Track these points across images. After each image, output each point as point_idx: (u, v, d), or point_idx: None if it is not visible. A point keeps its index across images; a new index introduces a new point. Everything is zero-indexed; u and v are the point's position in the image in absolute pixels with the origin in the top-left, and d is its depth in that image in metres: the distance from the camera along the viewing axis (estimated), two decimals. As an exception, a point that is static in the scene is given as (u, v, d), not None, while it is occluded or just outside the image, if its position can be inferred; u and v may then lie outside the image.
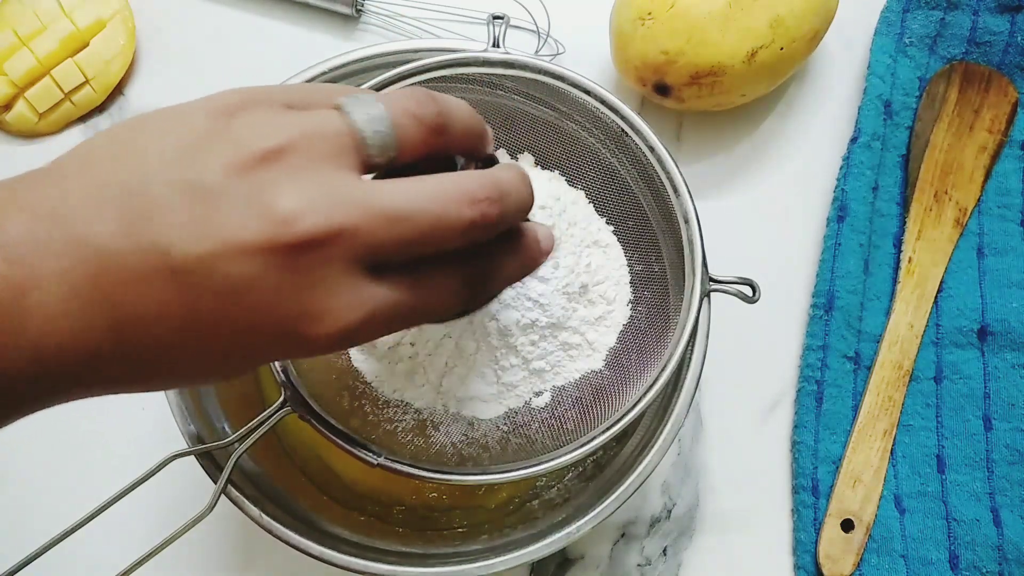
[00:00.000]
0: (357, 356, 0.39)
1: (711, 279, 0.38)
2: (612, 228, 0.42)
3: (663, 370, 0.36)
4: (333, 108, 0.23)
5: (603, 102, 0.39)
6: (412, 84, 0.38)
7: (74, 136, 0.52)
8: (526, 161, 0.43)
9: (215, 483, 0.37)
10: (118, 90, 0.52)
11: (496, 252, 0.26)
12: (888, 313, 0.48)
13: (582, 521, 0.38)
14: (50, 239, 0.20)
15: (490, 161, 0.28)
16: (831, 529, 0.45)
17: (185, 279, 0.20)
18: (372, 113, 0.23)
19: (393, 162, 0.24)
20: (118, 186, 0.20)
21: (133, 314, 0.20)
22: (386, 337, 0.38)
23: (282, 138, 0.21)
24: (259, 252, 0.20)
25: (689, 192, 0.38)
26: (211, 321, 0.21)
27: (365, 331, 0.23)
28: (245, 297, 0.21)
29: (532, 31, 0.52)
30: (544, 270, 0.38)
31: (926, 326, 0.48)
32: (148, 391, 0.23)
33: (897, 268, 0.49)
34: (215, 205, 0.20)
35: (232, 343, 0.22)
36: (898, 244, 0.49)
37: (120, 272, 0.20)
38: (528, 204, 0.26)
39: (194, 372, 0.23)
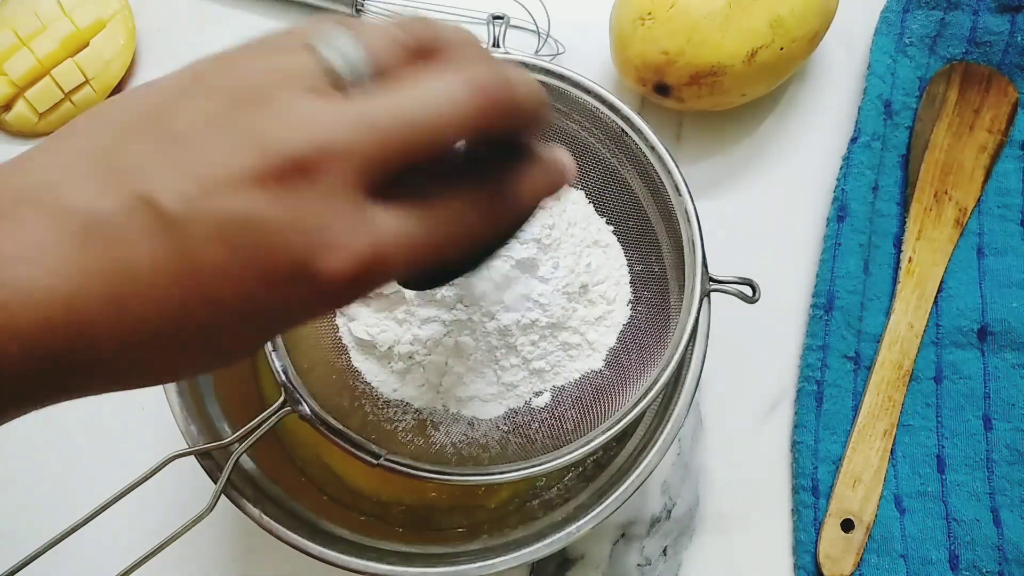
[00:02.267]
0: (357, 356, 0.39)
1: (711, 279, 0.38)
2: (612, 228, 0.42)
3: (663, 370, 0.36)
4: (303, 48, 0.21)
5: (603, 102, 0.39)
6: None
7: (74, 136, 0.52)
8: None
9: (215, 483, 0.37)
10: (118, 90, 0.52)
11: (514, 164, 0.23)
12: (888, 313, 0.48)
13: (582, 521, 0.38)
14: (22, 214, 0.19)
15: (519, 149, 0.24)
16: (831, 529, 0.45)
17: (178, 228, 0.19)
18: (341, 43, 0.21)
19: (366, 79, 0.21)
20: (101, 149, 0.19)
21: (129, 278, 0.19)
22: (385, 336, 0.38)
23: (252, 80, 0.20)
24: (248, 184, 0.19)
25: (689, 192, 0.38)
26: (213, 273, 0.19)
27: (379, 266, 0.21)
28: (243, 236, 0.19)
29: (532, 31, 0.52)
30: (544, 270, 0.38)
31: (926, 326, 0.48)
32: (154, 383, 0.22)
33: (897, 268, 0.49)
34: (193, 148, 0.19)
35: (240, 298, 0.20)
36: (898, 244, 0.49)
37: (109, 234, 0.19)
38: (545, 104, 0.23)
39: (203, 348, 0.21)
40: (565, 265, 0.38)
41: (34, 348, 0.19)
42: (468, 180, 0.22)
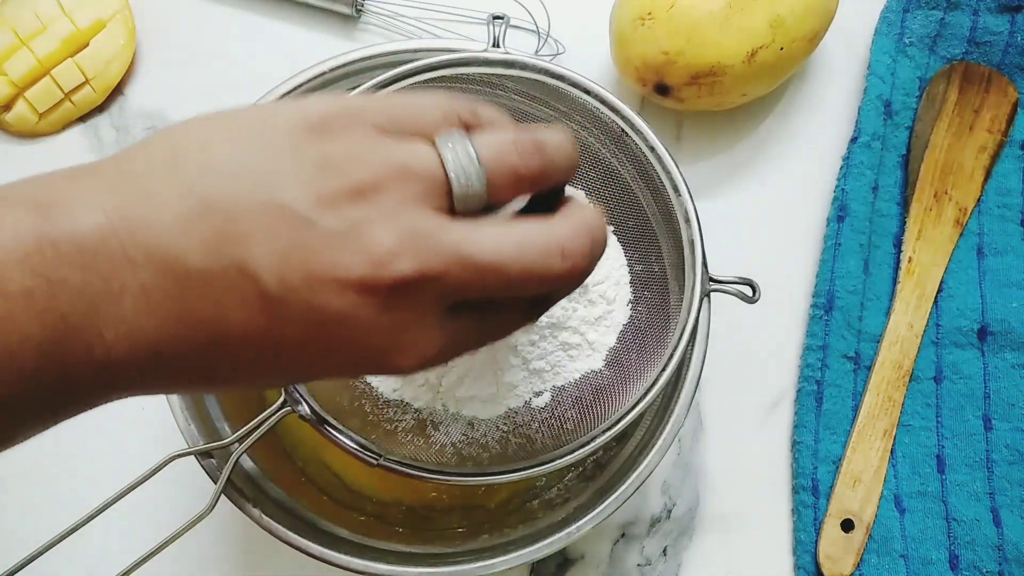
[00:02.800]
0: (357, 356, 0.39)
1: (711, 279, 0.38)
2: (612, 228, 0.42)
3: (663, 370, 0.36)
4: (428, 142, 0.22)
5: (603, 102, 0.39)
6: (413, 84, 0.38)
7: (74, 136, 0.52)
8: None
9: (215, 483, 0.37)
10: (118, 90, 0.52)
11: None
12: (888, 313, 0.48)
13: (582, 521, 0.38)
14: (127, 249, 0.19)
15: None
16: (831, 529, 0.45)
17: (274, 307, 0.20)
18: (466, 166, 0.22)
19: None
20: (203, 199, 0.20)
21: (217, 334, 0.20)
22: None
23: (373, 173, 0.21)
24: (354, 289, 0.20)
25: (689, 192, 0.38)
26: (295, 347, 0.21)
27: (438, 361, 0.23)
28: (334, 330, 0.21)
29: (532, 31, 0.52)
30: None
31: (926, 326, 0.48)
32: (213, 393, 0.24)
33: (897, 268, 0.49)
34: (308, 235, 0.20)
35: (311, 366, 0.22)
36: (898, 244, 0.49)
37: (204, 293, 0.20)
38: (605, 245, 0.26)
39: (263, 384, 0.23)
40: (565, 265, 0.38)
41: (111, 371, 0.20)
42: None
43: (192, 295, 0.20)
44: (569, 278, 0.23)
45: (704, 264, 0.37)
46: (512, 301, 0.25)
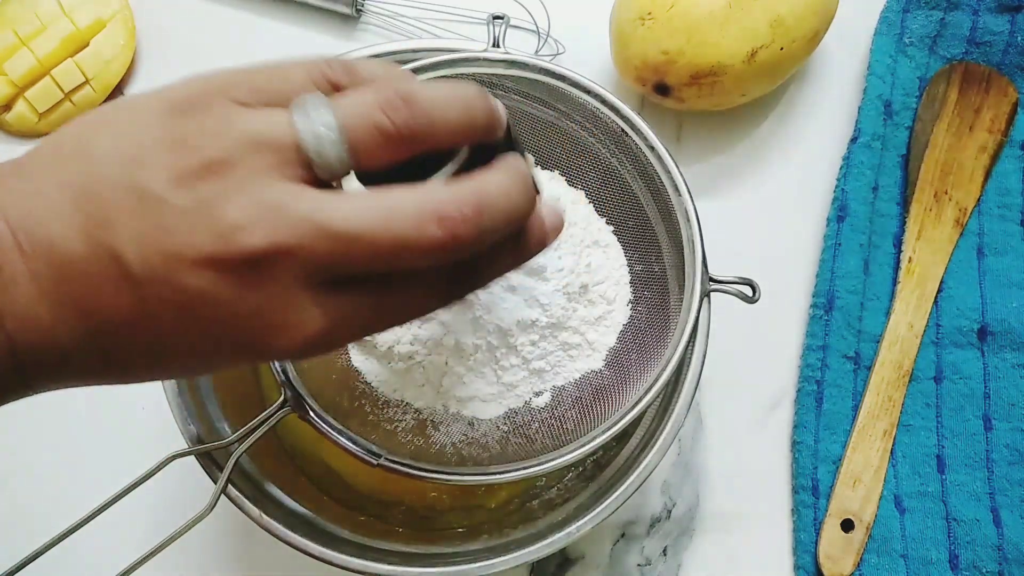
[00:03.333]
0: (357, 356, 0.39)
1: (711, 279, 0.38)
2: (612, 228, 0.42)
3: (663, 370, 0.36)
4: (286, 109, 0.22)
5: (603, 102, 0.39)
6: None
7: (74, 136, 0.52)
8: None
9: (215, 483, 0.37)
10: (118, 90, 0.52)
11: (485, 250, 0.24)
12: (888, 313, 0.48)
13: (582, 521, 0.38)
14: (19, 240, 0.20)
15: (507, 146, 0.25)
16: (831, 529, 0.45)
17: (142, 288, 0.20)
18: (318, 131, 0.21)
19: (353, 171, 0.22)
20: (77, 188, 0.21)
21: (101, 318, 0.21)
22: (385, 336, 0.38)
23: (224, 147, 0.20)
24: (207, 266, 0.20)
25: (689, 192, 0.38)
26: (173, 331, 0.21)
27: (331, 340, 0.22)
28: (202, 311, 0.21)
29: (532, 31, 0.52)
30: (544, 262, 0.38)
31: (926, 326, 0.48)
32: (128, 384, 0.23)
33: (897, 268, 0.49)
34: (163, 216, 0.20)
35: (199, 352, 0.22)
36: (898, 244, 0.49)
37: (83, 277, 0.20)
38: (524, 213, 0.23)
39: (168, 371, 0.23)
40: (565, 265, 0.38)
41: (17, 357, 0.21)
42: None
43: (75, 281, 0.20)
44: (454, 248, 0.21)
45: (704, 264, 0.37)
46: (415, 276, 0.23)
